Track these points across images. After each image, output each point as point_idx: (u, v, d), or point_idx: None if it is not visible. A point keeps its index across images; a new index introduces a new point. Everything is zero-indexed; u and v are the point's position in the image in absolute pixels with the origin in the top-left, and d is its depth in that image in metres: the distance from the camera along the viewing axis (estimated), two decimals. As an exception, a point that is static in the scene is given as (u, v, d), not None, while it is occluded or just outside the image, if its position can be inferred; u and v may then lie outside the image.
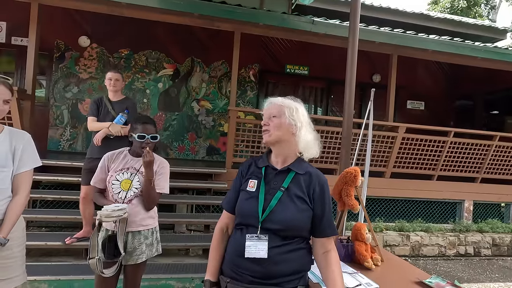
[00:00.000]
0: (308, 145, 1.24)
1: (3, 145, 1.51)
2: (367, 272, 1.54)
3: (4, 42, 5.09)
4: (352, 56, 2.78)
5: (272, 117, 1.23)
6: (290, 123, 1.21)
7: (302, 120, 1.24)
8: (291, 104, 1.24)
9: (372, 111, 2.70)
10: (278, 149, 1.25)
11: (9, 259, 1.52)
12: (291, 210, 1.16)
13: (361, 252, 1.61)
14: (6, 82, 1.54)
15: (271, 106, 1.26)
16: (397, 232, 4.55)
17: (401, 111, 6.61)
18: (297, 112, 1.24)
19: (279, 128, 1.21)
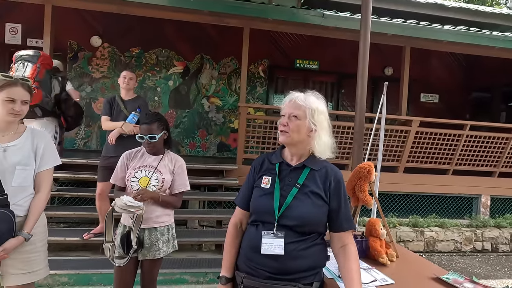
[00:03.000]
0: (324, 148, 1.22)
1: (25, 145, 1.57)
2: (382, 267, 1.53)
3: (20, 44, 5.22)
4: (364, 49, 2.73)
5: (292, 116, 1.20)
6: (310, 127, 1.19)
7: (322, 122, 1.21)
8: (312, 105, 1.20)
9: (385, 105, 2.65)
10: (293, 148, 1.24)
11: (32, 253, 1.59)
12: (307, 206, 1.16)
13: (375, 248, 1.59)
14: (25, 84, 1.59)
15: (293, 104, 1.21)
16: (410, 227, 4.49)
17: (415, 104, 6.46)
18: (318, 113, 1.20)
19: (298, 131, 1.19)
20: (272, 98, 6.21)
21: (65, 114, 3.08)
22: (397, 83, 4.85)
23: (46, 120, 2.96)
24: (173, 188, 1.93)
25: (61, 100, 3.02)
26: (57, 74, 3.11)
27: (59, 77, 3.08)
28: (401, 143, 4.78)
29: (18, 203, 1.53)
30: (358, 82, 2.78)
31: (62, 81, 3.08)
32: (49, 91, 2.91)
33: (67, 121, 3.13)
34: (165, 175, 1.89)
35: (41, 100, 2.83)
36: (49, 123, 2.99)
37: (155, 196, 1.82)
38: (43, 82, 2.86)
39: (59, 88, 3.03)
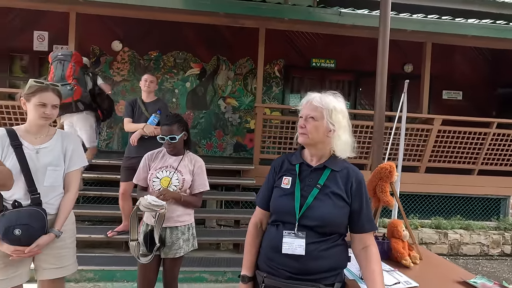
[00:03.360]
0: (344, 147, 1.22)
1: (56, 147, 1.66)
2: (405, 270, 1.50)
3: (47, 50, 5.48)
4: (383, 47, 2.68)
5: (309, 118, 1.20)
6: (328, 127, 1.19)
7: (341, 121, 1.20)
8: (330, 104, 1.20)
9: (405, 103, 2.58)
10: (313, 149, 1.24)
11: (63, 249, 1.67)
12: (328, 206, 1.16)
13: (398, 250, 1.56)
14: (55, 89, 1.67)
15: (310, 106, 1.21)
16: (433, 229, 4.34)
17: (436, 102, 6.23)
18: (336, 113, 1.20)
19: (316, 131, 1.19)
20: (288, 98, 6.19)
21: (100, 107, 3.32)
22: (417, 80, 4.71)
23: (86, 114, 3.23)
24: (193, 188, 1.97)
25: (95, 95, 3.27)
26: (87, 70, 3.35)
27: (90, 73, 3.32)
28: (422, 142, 4.63)
29: (49, 202, 1.62)
30: (378, 80, 2.72)
31: (93, 77, 3.31)
32: (85, 87, 3.17)
33: (103, 113, 3.39)
34: (185, 175, 1.94)
35: (81, 95, 3.10)
36: (89, 116, 3.28)
37: (177, 196, 1.87)
38: (79, 79, 3.13)
39: (91, 83, 3.27)
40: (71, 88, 3.05)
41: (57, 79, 3.07)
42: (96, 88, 3.30)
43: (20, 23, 5.38)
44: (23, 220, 1.50)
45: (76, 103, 3.06)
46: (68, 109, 3.08)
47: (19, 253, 1.49)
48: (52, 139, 1.67)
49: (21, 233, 1.48)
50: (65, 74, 3.03)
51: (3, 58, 5.39)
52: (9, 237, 1.48)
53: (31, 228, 1.51)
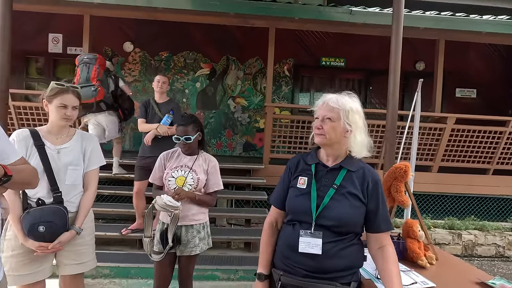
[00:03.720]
0: (361, 147, 1.22)
1: (76, 147, 1.71)
2: (421, 270, 1.49)
3: (61, 52, 5.63)
4: (396, 45, 2.65)
5: (326, 119, 1.20)
6: (345, 128, 1.19)
7: (357, 121, 1.21)
8: (346, 105, 1.20)
9: (419, 102, 2.55)
10: (329, 149, 1.24)
11: (83, 246, 1.73)
12: (344, 206, 1.17)
13: (414, 250, 1.55)
14: (74, 91, 1.72)
15: (326, 107, 1.22)
16: (446, 230, 4.27)
17: (449, 100, 6.11)
18: (352, 114, 1.20)
19: (333, 132, 1.19)
20: (298, 97, 6.18)
21: (121, 107, 3.56)
22: (429, 78, 4.63)
23: (108, 114, 3.46)
24: (208, 187, 2.00)
25: (117, 96, 3.52)
26: (110, 73, 3.60)
27: (112, 76, 3.57)
28: (435, 141, 4.56)
29: (70, 200, 1.67)
30: (390, 78, 2.70)
31: (115, 79, 3.56)
32: (107, 88, 3.42)
33: (124, 113, 3.60)
34: (200, 175, 1.97)
35: (104, 96, 3.33)
36: (111, 116, 3.50)
37: (191, 195, 1.90)
38: (103, 81, 3.37)
39: (113, 85, 3.50)
40: (95, 89, 3.26)
41: (82, 81, 3.29)
42: (118, 89, 3.53)
43: (36, 26, 5.52)
44: (47, 217, 1.55)
45: (98, 103, 3.29)
46: (91, 108, 3.32)
47: (43, 249, 1.55)
48: (72, 140, 1.72)
49: (45, 229, 1.54)
50: (90, 76, 3.26)
51: (19, 60, 5.54)
52: (34, 234, 1.54)
53: (54, 225, 1.56)
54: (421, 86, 2.66)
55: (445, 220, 4.50)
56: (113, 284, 2.79)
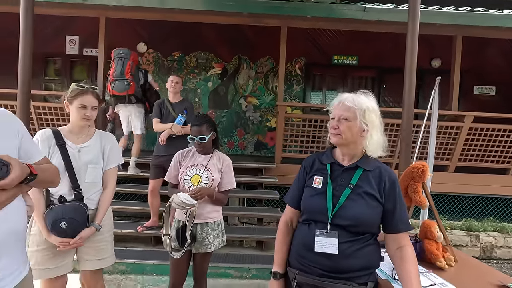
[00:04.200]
0: (376, 146, 1.21)
1: (95, 146, 1.76)
2: (439, 272, 1.46)
3: (77, 54, 5.79)
4: (412, 43, 2.60)
5: (342, 119, 1.19)
6: (361, 127, 1.18)
7: (374, 121, 1.20)
8: (363, 105, 1.19)
9: (437, 100, 2.49)
10: (345, 149, 1.24)
11: (102, 242, 1.78)
12: (361, 206, 1.16)
13: (432, 251, 1.52)
14: (94, 92, 1.77)
15: (342, 107, 1.21)
16: (464, 231, 4.16)
17: (467, 98, 5.94)
18: (369, 113, 1.19)
19: (350, 131, 1.19)
20: (309, 96, 6.14)
21: (149, 100, 3.76)
22: (446, 75, 4.51)
23: (137, 106, 3.71)
24: (221, 185, 2.02)
25: (146, 89, 3.77)
26: (140, 68, 3.90)
27: (142, 70, 3.85)
28: (452, 141, 4.44)
29: (90, 198, 1.73)
30: (406, 77, 2.65)
31: (144, 74, 3.82)
32: (138, 83, 3.68)
33: (150, 106, 3.75)
34: (214, 174, 1.99)
35: (135, 90, 3.59)
36: (139, 108, 3.74)
37: (211, 193, 1.92)
38: (134, 75, 3.62)
39: (143, 80, 3.75)
40: (128, 83, 3.54)
41: (117, 74, 3.56)
42: (147, 84, 3.79)
43: (54, 29, 5.69)
44: (69, 214, 1.61)
45: (130, 96, 3.57)
46: (123, 100, 3.60)
47: (65, 244, 1.61)
48: (92, 139, 1.78)
49: (66, 226, 1.59)
50: (124, 70, 3.53)
51: (38, 62, 5.72)
52: (56, 229, 1.60)
53: (75, 222, 1.62)
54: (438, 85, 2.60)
55: (462, 221, 4.39)
56: (129, 280, 2.86)
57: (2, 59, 5.26)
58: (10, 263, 1.01)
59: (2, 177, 0.92)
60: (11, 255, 1.02)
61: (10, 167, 0.94)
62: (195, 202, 1.81)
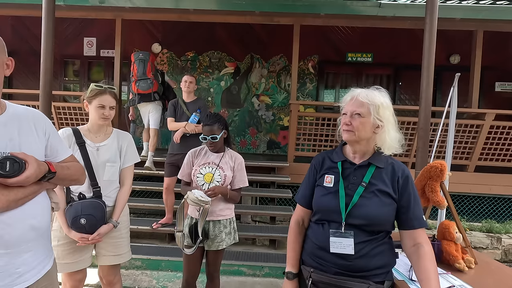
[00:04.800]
0: (392, 143, 1.18)
1: (113, 145, 1.81)
2: (458, 274, 1.42)
3: (95, 55, 5.95)
4: (430, 39, 2.53)
5: (355, 114, 1.16)
6: (375, 123, 1.16)
7: (388, 117, 1.17)
8: (376, 100, 1.16)
9: (455, 98, 2.41)
10: (357, 146, 1.21)
11: (119, 238, 1.83)
12: (375, 205, 1.14)
13: (450, 252, 1.48)
14: (112, 92, 1.82)
15: (355, 102, 1.18)
16: (484, 233, 4.01)
17: (488, 95, 5.71)
18: (383, 109, 1.16)
19: (363, 128, 1.16)
20: (323, 94, 6.07)
21: (168, 98, 3.98)
22: (465, 71, 4.35)
23: (157, 103, 3.95)
24: (233, 184, 2.04)
25: (164, 88, 4.06)
26: (157, 68, 4.17)
27: (159, 71, 4.12)
28: (472, 139, 4.29)
29: (108, 195, 1.77)
30: (423, 74, 2.58)
31: (161, 74, 4.11)
32: (158, 81, 3.97)
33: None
34: (226, 172, 2.01)
35: (158, 88, 3.89)
36: (159, 105, 3.98)
37: (225, 192, 1.94)
38: (155, 75, 3.92)
39: (160, 79, 4.04)
40: (151, 82, 3.82)
41: (139, 75, 3.84)
42: (165, 83, 4.08)
43: (72, 31, 5.88)
44: (87, 210, 1.66)
45: (153, 94, 3.86)
46: (148, 98, 3.87)
47: (84, 240, 1.66)
48: (110, 138, 1.83)
49: (85, 222, 1.65)
50: (146, 70, 3.81)
51: (58, 64, 5.93)
52: (76, 225, 1.65)
53: (93, 218, 1.67)
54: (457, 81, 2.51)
55: (482, 222, 4.23)
56: (145, 275, 2.93)
57: (26, 61, 5.49)
58: (32, 258, 1.04)
59: (15, 174, 0.94)
60: (33, 251, 1.04)
61: (25, 164, 0.96)
62: (209, 199, 1.83)
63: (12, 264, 0.98)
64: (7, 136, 1.01)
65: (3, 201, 0.94)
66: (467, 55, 4.50)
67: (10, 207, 0.96)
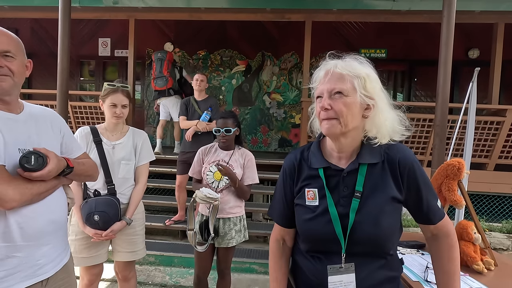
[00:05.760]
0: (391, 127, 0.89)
1: (128, 143, 1.85)
2: (477, 276, 1.37)
3: (109, 55, 6.08)
4: (447, 34, 2.44)
5: (335, 94, 0.84)
6: (363, 103, 0.85)
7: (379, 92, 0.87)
8: (360, 71, 0.86)
9: (475, 93, 2.33)
10: (344, 141, 0.89)
11: (134, 235, 1.86)
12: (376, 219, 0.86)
13: (468, 253, 1.43)
14: (124, 90, 1.84)
15: (331, 78, 0.86)
16: (505, 234, 3.87)
17: (509, 90, 5.48)
18: (370, 81, 0.86)
19: (349, 112, 0.84)
20: (335, 91, 5.98)
21: (185, 93, 4.32)
22: (484, 66, 4.18)
23: (175, 98, 4.26)
24: (243, 180, 2.04)
25: (182, 83, 4.40)
26: (176, 65, 4.54)
27: (177, 67, 4.47)
28: (492, 137, 4.13)
29: (122, 192, 1.81)
30: (440, 70, 2.50)
31: (180, 70, 4.45)
32: (174, 78, 4.32)
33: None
34: (236, 169, 2.01)
35: (172, 85, 4.24)
36: (177, 99, 4.26)
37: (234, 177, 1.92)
38: (171, 72, 4.29)
39: (179, 75, 4.39)
40: (166, 79, 4.20)
41: (157, 73, 4.25)
42: (182, 79, 4.43)
43: (88, 32, 6.03)
44: (101, 207, 1.70)
45: (168, 90, 4.22)
46: (163, 94, 4.25)
47: (98, 236, 1.70)
48: (125, 136, 1.86)
49: (99, 218, 1.68)
50: (163, 69, 4.21)
51: (74, 64, 6.10)
52: (90, 221, 1.70)
53: (107, 215, 1.70)
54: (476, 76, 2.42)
55: (503, 223, 4.08)
56: (158, 271, 2.98)
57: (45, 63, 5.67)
58: (51, 251, 1.09)
59: (39, 169, 0.98)
60: (52, 244, 1.09)
61: (47, 159, 1.00)
62: (218, 196, 1.84)
63: (33, 256, 1.03)
64: (26, 134, 1.06)
65: (27, 194, 0.98)
66: (487, 49, 4.32)
67: (33, 201, 1.01)
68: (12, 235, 0.98)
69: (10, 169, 0.98)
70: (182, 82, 4.41)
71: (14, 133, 1.02)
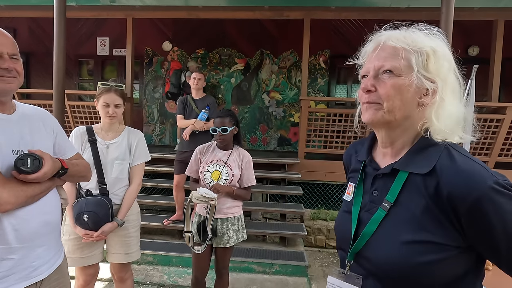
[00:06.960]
0: (450, 124, 0.65)
1: (123, 142, 1.82)
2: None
3: (108, 54, 6.06)
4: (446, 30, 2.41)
5: (384, 73, 0.65)
6: (422, 87, 0.64)
7: (446, 75, 0.65)
8: (422, 44, 0.64)
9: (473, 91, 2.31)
10: (390, 133, 0.69)
11: (127, 237, 1.82)
12: (395, 244, 0.63)
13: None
14: (117, 90, 1.81)
15: (383, 51, 0.66)
16: (504, 232, 3.85)
17: (509, 88, 5.46)
18: (436, 60, 0.64)
19: (398, 95, 0.64)
20: (334, 89, 5.97)
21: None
22: (484, 64, 4.16)
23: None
24: (242, 182, 2.03)
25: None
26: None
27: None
28: (491, 134, 4.11)
29: (115, 192, 1.78)
30: (439, 66, 2.47)
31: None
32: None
33: None
34: (234, 170, 1.99)
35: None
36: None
37: (230, 190, 1.94)
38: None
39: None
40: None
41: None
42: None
43: (86, 31, 6.00)
44: (91, 207, 1.66)
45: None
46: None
47: (88, 236, 1.67)
48: (120, 136, 1.84)
49: (88, 218, 1.65)
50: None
51: (73, 64, 6.09)
52: (79, 222, 1.67)
53: (96, 215, 1.66)
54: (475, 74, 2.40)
55: (502, 221, 4.06)
56: (156, 271, 2.97)
57: (42, 62, 5.65)
58: (45, 253, 1.08)
59: (35, 171, 0.97)
60: (46, 245, 1.08)
61: (42, 161, 0.99)
62: (215, 195, 1.83)
63: (27, 258, 1.02)
64: (19, 134, 1.05)
65: (22, 197, 0.97)
66: (487, 46, 4.29)
67: (28, 203, 1.00)
68: (7, 237, 0.97)
69: (4, 171, 0.97)
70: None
71: (7, 134, 1.01)
